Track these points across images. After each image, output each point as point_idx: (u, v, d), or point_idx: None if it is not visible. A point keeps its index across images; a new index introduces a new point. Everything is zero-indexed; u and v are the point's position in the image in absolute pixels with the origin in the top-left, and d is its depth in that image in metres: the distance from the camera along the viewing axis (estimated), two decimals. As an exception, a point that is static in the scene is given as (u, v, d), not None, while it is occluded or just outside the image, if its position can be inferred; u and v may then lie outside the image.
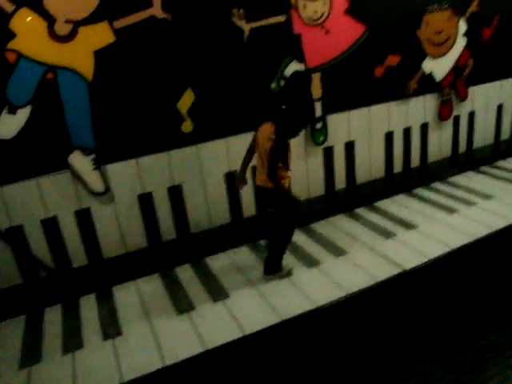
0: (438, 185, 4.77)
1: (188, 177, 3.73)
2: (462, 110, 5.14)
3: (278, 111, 3.09)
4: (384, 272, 3.30)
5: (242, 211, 4.07)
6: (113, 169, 3.45)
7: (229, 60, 3.63)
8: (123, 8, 3.17)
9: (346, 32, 4.03)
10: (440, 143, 5.11)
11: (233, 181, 3.70)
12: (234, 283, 3.36)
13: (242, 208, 4.06)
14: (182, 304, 3.20)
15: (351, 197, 4.49)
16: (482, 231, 3.74)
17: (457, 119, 5.14)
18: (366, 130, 4.46)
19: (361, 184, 4.62)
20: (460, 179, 4.84)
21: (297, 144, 4.01)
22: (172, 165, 3.63)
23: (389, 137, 4.65)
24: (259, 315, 2.99)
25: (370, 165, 4.60)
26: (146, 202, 3.63)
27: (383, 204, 4.42)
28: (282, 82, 3.89)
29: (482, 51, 5.00)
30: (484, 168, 5.12)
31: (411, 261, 3.40)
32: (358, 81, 4.24)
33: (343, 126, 4.29)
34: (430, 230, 3.84)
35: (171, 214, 3.76)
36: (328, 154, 4.34)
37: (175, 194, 3.72)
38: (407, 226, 3.93)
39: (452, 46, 4.73)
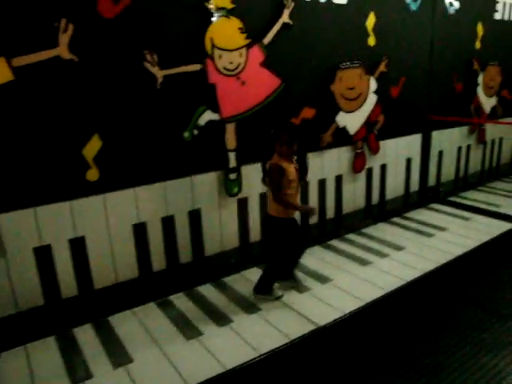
0: (352, 236, 4.87)
1: (92, 228, 3.49)
2: (374, 163, 5.38)
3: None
4: (297, 329, 3.23)
5: (151, 265, 3.86)
6: (4, 219, 3.14)
7: (140, 106, 3.54)
8: (24, 45, 2.99)
9: (262, 84, 4.11)
10: (354, 195, 5.28)
11: (141, 232, 3.59)
12: (139, 345, 3.11)
13: (152, 261, 3.86)
14: (79, 371, 2.89)
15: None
16: (393, 283, 3.82)
17: (370, 171, 5.37)
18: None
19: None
20: (373, 230, 4.99)
21: (209, 195, 3.95)
22: (75, 215, 3.39)
23: (303, 188, 4.71)
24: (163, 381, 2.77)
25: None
26: (43, 255, 3.33)
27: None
28: (196, 132, 3.84)
29: (391, 108, 5.32)
30: (395, 219, 5.35)
31: (326, 316, 3.37)
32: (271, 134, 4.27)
33: (258, 176, 4.27)
34: (343, 283, 3.87)
35: (72, 269, 3.48)
36: (242, 205, 4.29)
37: (77, 246, 3.45)
38: (322, 279, 3.94)
39: (364, 102, 4.99)
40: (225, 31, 3.78)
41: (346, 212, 5.26)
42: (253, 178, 4.26)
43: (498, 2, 6.53)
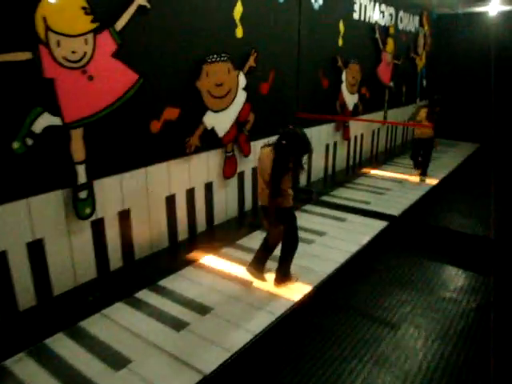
0: (227, 250, 4.46)
1: None
2: (246, 166, 5.02)
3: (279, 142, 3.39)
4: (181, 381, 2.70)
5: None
6: None
7: None
8: None
9: (115, 79, 3.44)
10: (226, 203, 4.87)
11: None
12: None
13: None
14: None
15: (130, 277, 3.81)
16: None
17: (241, 175, 5.00)
18: (143, 195, 3.90)
19: (141, 260, 3.97)
20: (248, 241, 4.65)
21: (54, 220, 3.27)
22: None
23: (170, 200, 4.15)
24: None
25: (150, 235, 4.02)
26: None
27: (169, 282, 3.85)
28: (30, 141, 3.03)
29: (262, 105, 5.01)
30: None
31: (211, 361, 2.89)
32: (131, 138, 3.72)
33: (115, 192, 3.66)
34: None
35: None
36: (97, 228, 3.59)
37: None
38: (201, 310, 3.44)
39: (233, 100, 4.57)
40: (63, 10, 3.03)
41: (219, 222, 4.81)
42: (109, 193, 3.62)
43: (355, 3, 6.62)
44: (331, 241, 4.71)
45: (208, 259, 4.22)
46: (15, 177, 3.05)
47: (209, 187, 4.62)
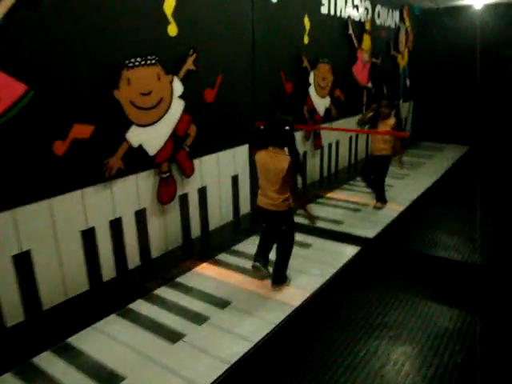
0: (163, 291, 3.76)
1: None
2: (190, 188, 4.31)
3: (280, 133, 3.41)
4: None
5: None
6: None
7: None
8: None
9: (-6, 93, 2.70)
10: (166, 232, 4.15)
11: None
12: None
13: None
14: None
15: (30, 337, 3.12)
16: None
17: (184, 199, 4.29)
18: (48, 233, 3.22)
19: (52, 309, 3.35)
20: (188, 279, 3.91)
21: None
22: None
23: (88, 235, 3.43)
24: None
25: (62, 280, 3.40)
26: None
27: (78, 341, 3.13)
28: None
29: (207, 116, 4.30)
30: (222, 256, 4.39)
31: None
32: (25, 163, 3.03)
33: (7, 231, 2.95)
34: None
35: None
36: None
37: None
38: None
39: (167, 111, 3.86)
40: None
41: (156, 256, 4.09)
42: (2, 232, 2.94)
43: None
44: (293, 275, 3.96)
45: (137, 305, 3.49)
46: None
47: (141, 216, 3.87)
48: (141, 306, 3.53)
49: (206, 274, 4.02)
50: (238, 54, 4.67)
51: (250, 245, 4.56)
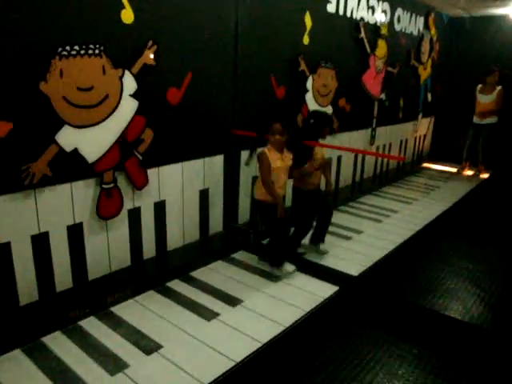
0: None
1: None
2: (144, 201, 3.77)
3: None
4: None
5: None
6: None
7: None
8: None
9: None
10: (109, 251, 3.63)
11: None
12: None
13: None
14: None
15: None
16: None
17: (135, 214, 3.76)
18: None
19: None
20: (136, 314, 3.42)
21: None
22: None
23: (2, 252, 2.92)
24: None
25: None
26: None
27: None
28: None
29: (169, 119, 3.76)
30: (179, 284, 3.92)
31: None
32: None
33: None
34: None
35: None
36: None
37: None
38: None
39: (113, 111, 3.32)
40: None
41: (95, 277, 3.57)
42: None
43: None
44: (243, 316, 3.44)
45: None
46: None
47: (75, 231, 3.35)
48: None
49: (143, 307, 3.47)
50: (216, 50, 4.14)
51: (213, 272, 4.00)
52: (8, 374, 2.74)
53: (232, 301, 3.63)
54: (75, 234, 3.43)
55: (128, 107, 3.49)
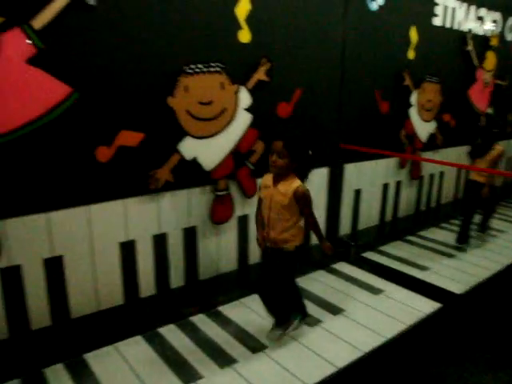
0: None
1: None
2: (253, 208, 4.06)
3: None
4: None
5: None
6: None
7: None
8: None
9: (32, 94, 2.75)
10: (218, 253, 3.94)
11: None
12: None
13: None
14: None
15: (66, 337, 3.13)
16: None
17: (244, 220, 4.08)
18: (84, 240, 3.22)
19: (86, 317, 3.32)
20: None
21: None
22: None
23: (127, 248, 3.33)
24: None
25: (94, 289, 3.37)
26: None
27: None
28: None
29: (279, 132, 4.03)
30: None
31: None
32: (64, 167, 3.02)
33: (39, 236, 2.96)
34: None
35: None
36: (12, 276, 2.97)
37: None
38: None
39: (229, 124, 3.66)
40: None
41: (204, 278, 3.94)
42: (29, 237, 2.97)
43: (437, 5, 5.34)
44: (344, 325, 3.56)
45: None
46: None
47: (190, 235, 3.71)
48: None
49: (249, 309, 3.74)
50: (323, 67, 4.36)
51: (314, 281, 4.18)
52: (130, 356, 3.10)
53: (333, 309, 3.77)
54: (189, 236, 3.77)
55: (243, 120, 3.80)
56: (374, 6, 4.72)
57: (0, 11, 2.58)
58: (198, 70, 3.44)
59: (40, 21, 2.72)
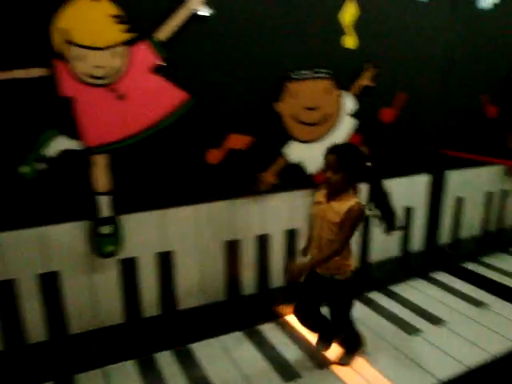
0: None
1: None
2: (351, 213, 4.11)
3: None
4: None
5: None
6: None
7: None
8: None
9: (155, 100, 3.02)
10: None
11: None
12: None
13: None
14: None
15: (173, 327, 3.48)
16: None
17: (342, 224, 4.10)
18: (193, 237, 3.47)
19: (192, 309, 3.58)
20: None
21: (72, 254, 3.06)
22: None
23: (233, 246, 3.60)
24: None
25: (201, 282, 3.59)
26: None
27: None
28: (42, 165, 2.79)
29: (382, 137, 4.07)
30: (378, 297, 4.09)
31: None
32: (178, 168, 3.28)
33: (152, 230, 3.24)
34: None
35: None
36: (127, 268, 3.28)
37: None
38: None
39: (333, 129, 3.76)
40: (87, 19, 2.74)
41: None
42: (144, 231, 3.26)
43: None
44: (446, 337, 3.50)
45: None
46: (23, 203, 2.87)
47: (290, 235, 3.86)
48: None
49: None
50: (427, 70, 4.30)
51: (413, 289, 4.16)
52: (238, 353, 3.29)
53: (433, 319, 3.73)
54: (290, 238, 3.89)
55: (347, 125, 3.87)
56: (484, 4, 4.55)
57: (132, 27, 2.83)
58: (304, 75, 3.54)
59: (164, 33, 2.95)
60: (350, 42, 3.77)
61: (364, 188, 2.93)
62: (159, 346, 3.40)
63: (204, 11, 3.05)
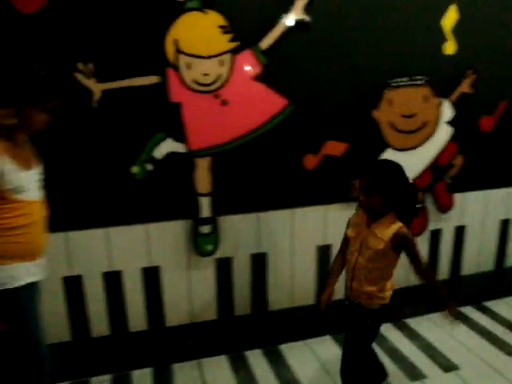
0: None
1: None
2: (445, 224, 4.05)
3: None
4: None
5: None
6: None
7: (69, 130, 2.86)
8: None
9: (255, 105, 3.14)
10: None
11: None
12: None
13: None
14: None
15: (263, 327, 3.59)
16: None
17: (435, 235, 4.05)
18: (287, 239, 3.59)
19: (282, 311, 3.69)
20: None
21: (173, 250, 3.27)
22: None
23: (323, 252, 3.62)
24: None
25: (291, 285, 3.70)
26: None
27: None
28: (150, 167, 3.00)
29: (480, 146, 3.96)
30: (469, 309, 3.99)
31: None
32: (276, 172, 3.40)
33: (248, 231, 3.39)
34: None
35: None
36: (223, 267, 3.44)
37: None
38: None
39: (429, 137, 3.72)
40: (197, 31, 2.93)
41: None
42: (238, 232, 3.41)
43: None
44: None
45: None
46: (131, 201, 3.11)
47: (383, 243, 3.84)
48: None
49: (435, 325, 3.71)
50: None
51: (510, 307, 3.99)
52: (322, 351, 3.33)
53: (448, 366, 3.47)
54: (382, 245, 3.86)
55: (443, 134, 3.80)
56: None
57: (236, 36, 2.98)
58: (402, 83, 3.53)
59: (266, 42, 3.08)
60: (450, 48, 3.70)
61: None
62: (250, 344, 3.50)
63: (306, 20, 3.11)
